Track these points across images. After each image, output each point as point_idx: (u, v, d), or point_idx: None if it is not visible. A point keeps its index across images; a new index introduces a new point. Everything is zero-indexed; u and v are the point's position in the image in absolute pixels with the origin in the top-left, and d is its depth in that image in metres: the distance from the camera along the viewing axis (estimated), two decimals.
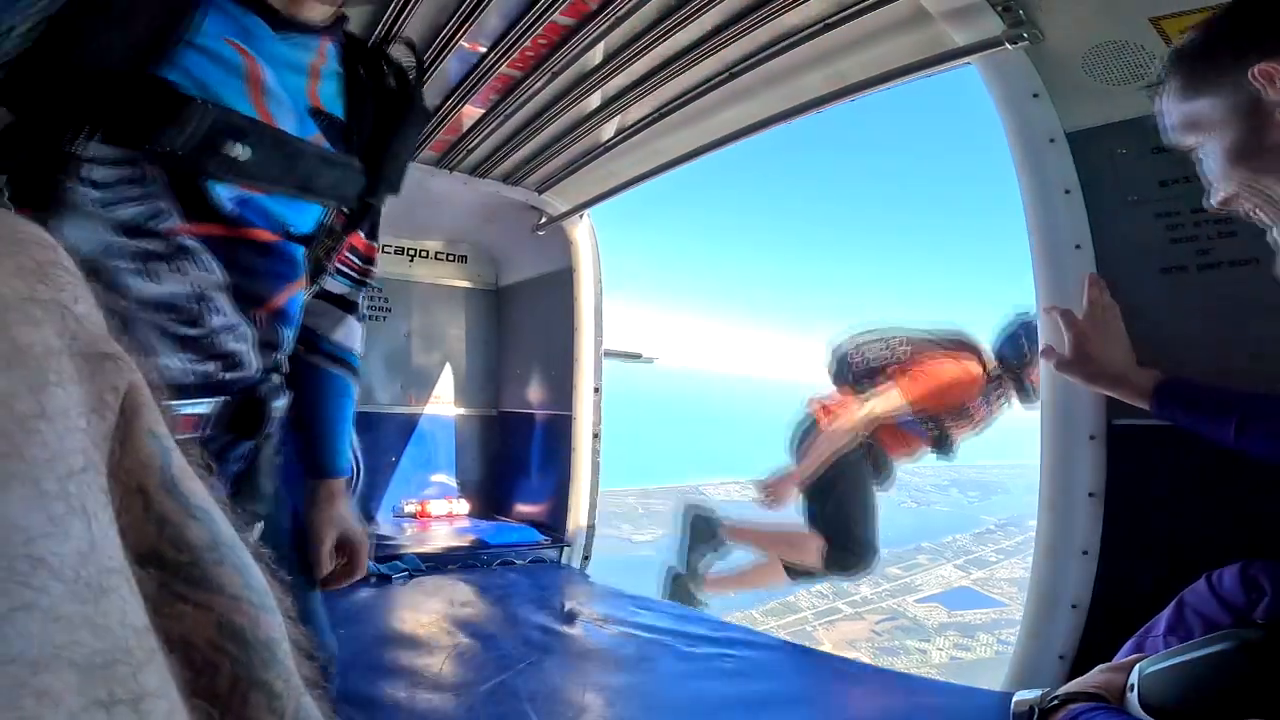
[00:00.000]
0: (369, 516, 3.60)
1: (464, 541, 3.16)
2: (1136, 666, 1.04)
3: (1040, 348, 1.56)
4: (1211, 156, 0.99)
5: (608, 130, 2.54)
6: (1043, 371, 1.61)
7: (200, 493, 0.43)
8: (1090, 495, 1.57)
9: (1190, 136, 1.01)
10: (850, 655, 2.04)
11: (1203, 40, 0.99)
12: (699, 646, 1.96)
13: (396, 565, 2.86)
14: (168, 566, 0.40)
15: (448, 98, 2.22)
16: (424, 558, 2.96)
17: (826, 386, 3.71)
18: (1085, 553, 1.58)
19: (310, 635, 0.48)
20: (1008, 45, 1.42)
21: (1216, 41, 0.96)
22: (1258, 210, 0.96)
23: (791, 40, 1.79)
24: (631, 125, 2.46)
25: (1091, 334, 1.45)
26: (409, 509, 3.66)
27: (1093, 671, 1.16)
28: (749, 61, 1.93)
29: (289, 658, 0.44)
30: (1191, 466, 1.44)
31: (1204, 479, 1.43)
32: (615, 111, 2.36)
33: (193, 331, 0.91)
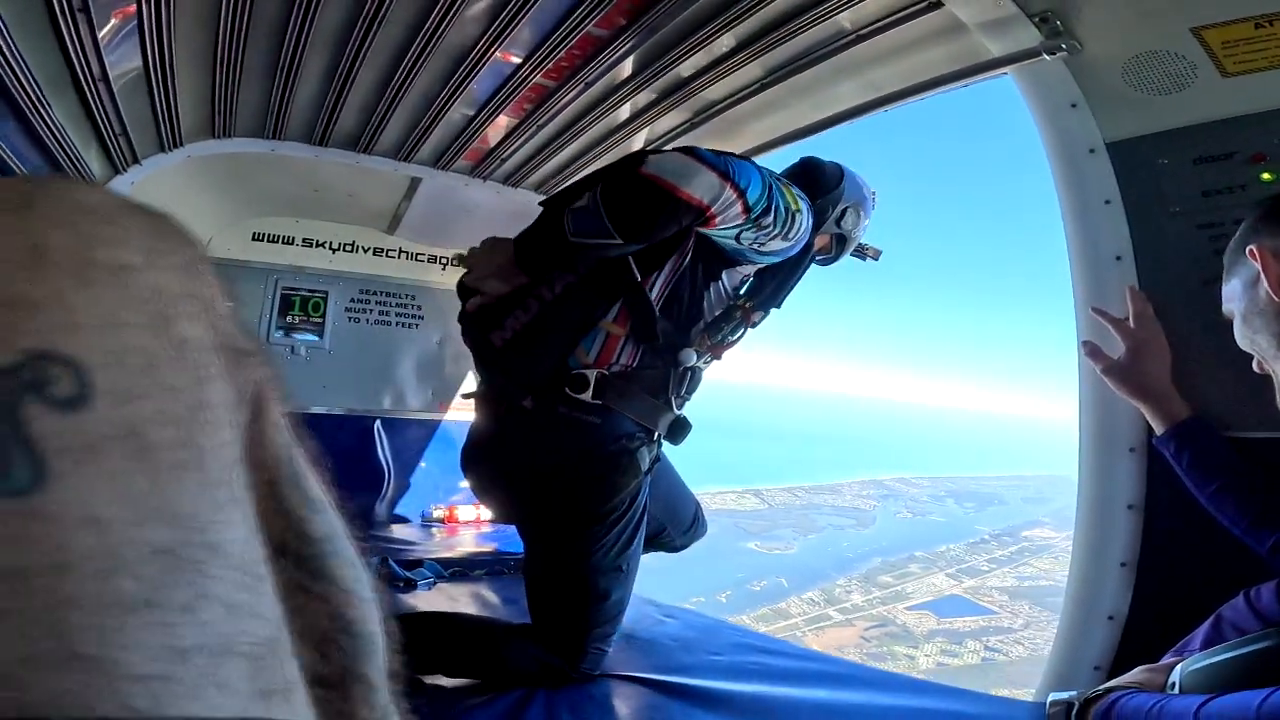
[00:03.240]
0: (398, 520, 3.65)
1: (488, 549, 3.17)
2: (1178, 666, 1.04)
3: (1084, 347, 1.54)
4: (1235, 326, 1.19)
5: (637, 141, 2.57)
6: (1081, 383, 1.60)
7: (317, 486, 0.45)
8: (1129, 508, 1.55)
9: (1228, 307, 1.21)
10: None
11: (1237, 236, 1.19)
12: (725, 654, 1.95)
13: (422, 572, 2.87)
14: (291, 557, 0.41)
15: (483, 108, 2.25)
16: (447, 564, 2.98)
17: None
18: (1124, 565, 1.56)
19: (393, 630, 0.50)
20: (1045, 56, 1.43)
21: (1240, 235, 1.17)
22: (1260, 366, 1.17)
23: (824, 51, 1.81)
24: (660, 136, 2.49)
25: (1143, 347, 1.44)
26: (437, 514, 3.68)
27: (1133, 671, 1.16)
28: (781, 72, 1.95)
29: (383, 653, 0.45)
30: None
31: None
32: (645, 123, 2.38)
33: None
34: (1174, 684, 1.03)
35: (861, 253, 1.96)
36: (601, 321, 1.63)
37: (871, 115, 1.89)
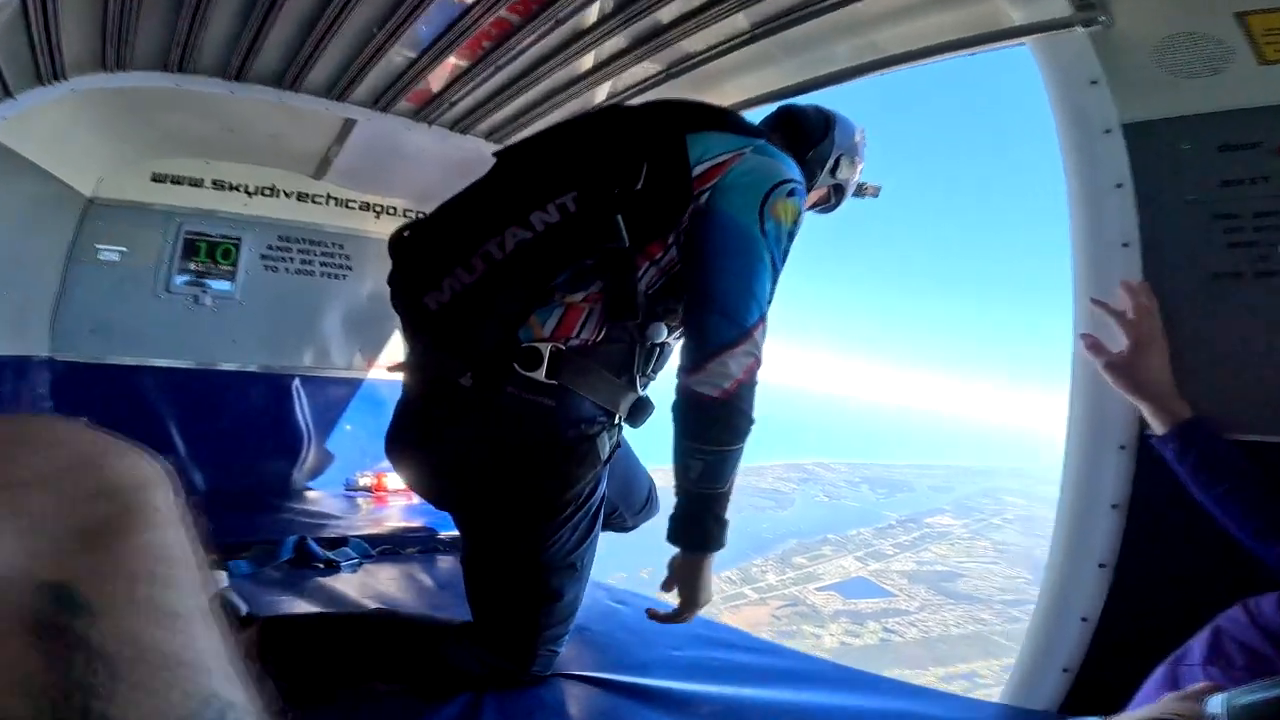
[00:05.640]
0: (319, 489, 3.38)
1: (421, 523, 2.94)
2: (1221, 697, 0.97)
3: (1084, 340, 1.47)
4: None
5: (600, 92, 2.38)
6: (1074, 376, 1.53)
7: None
8: (1113, 507, 1.50)
9: None
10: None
11: None
12: (685, 649, 1.83)
13: (346, 552, 2.62)
14: None
15: (429, 48, 2.04)
16: (375, 541, 2.74)
17: None
18: (1102, 566, 1.52)
19: None
20: (1079, 28, 1.34)
21: None
22: None
23: (822, 6, 1.66)
24: (628, 89, 2.30)
25: (1146, 342, 1.38)
26: (363, 482, 3.44)
27: (1162, 701, 1.09)
28: (770, 25, 1.79)
29: None
30: None
31: None
32: (612, 73, 2.19)
33: None
34: (1215, 716, 0.95)
35: (861, 192, 1.83)
36: (562, 296, 1.38)
37: (866, 78, 1.75)
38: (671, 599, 1.46)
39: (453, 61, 2.18)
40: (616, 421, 1.50)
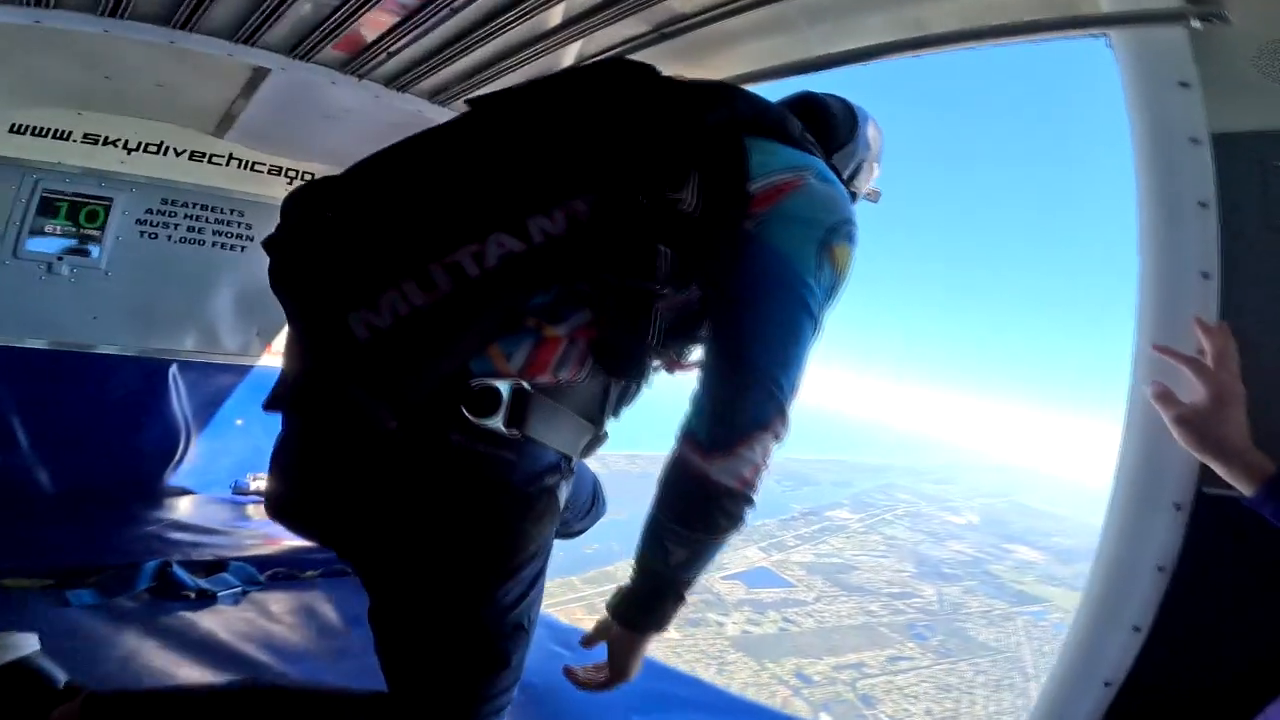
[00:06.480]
0: (199, 494, 2.94)
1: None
2: None
3: (1152, 390, 1.26)
4: None
5: (569, 53, 2.06)
6: (1128, 427, 1.34)
7: None
8: (1159, 569, 1.32)
9: None
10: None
11: None
12: (648, 714, 1.59)
13: (224, 579, 2.21)
14: None
15: None
16: (264, 563, 2.34)
17: None
18: (1136, 629, 1.35)
19: None
20: (1194, 23, 1.14)
21: None
22: None
23: None
24: (603, 50, 1.99)
25: (1227, 394, 1.17)
26: (255, 484, 3.03)
27: None
28: None
29: None
30: None
31: None
32: (584, 31, 1.88)
33: None
34: None
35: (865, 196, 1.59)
36: (539, 323, 1.04)
37: (898, 58, 1.49)
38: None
39: (393, 3, 1.82)
40: (572, 465, 1.18)
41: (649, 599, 1.16)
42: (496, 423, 1.01)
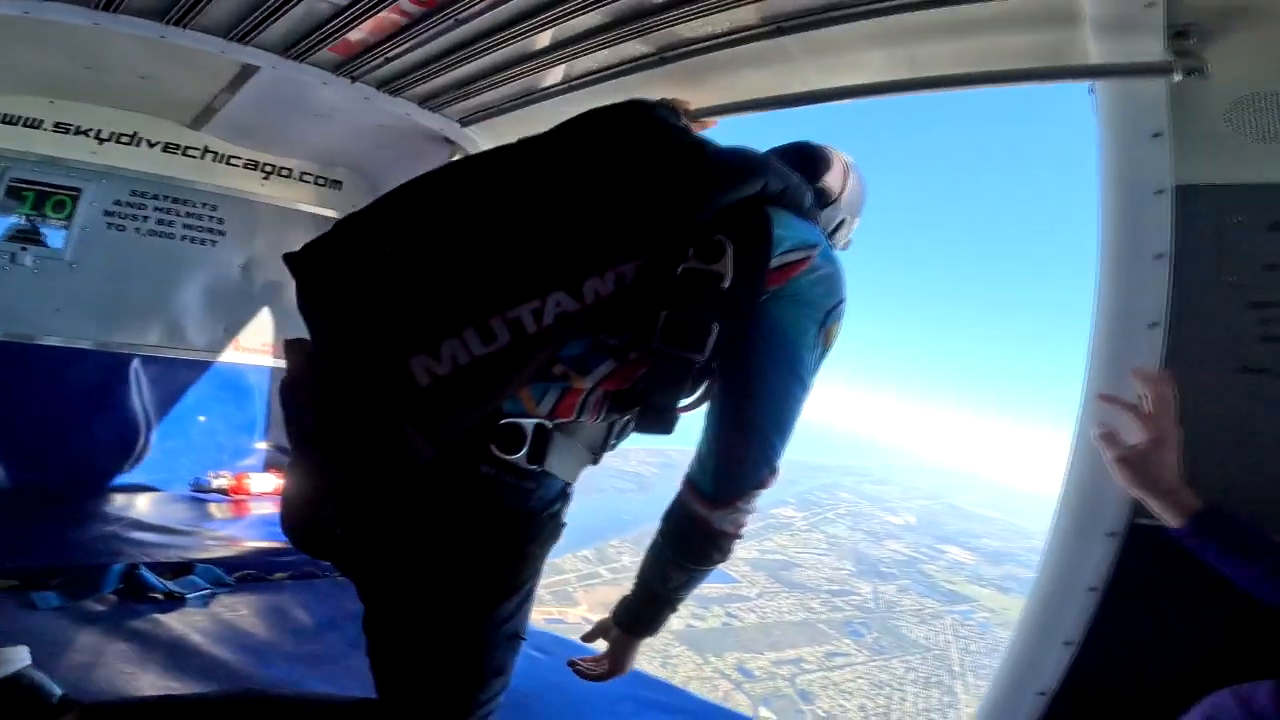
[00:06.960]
0: (160, 492, 2.87)
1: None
2: None
3: (1096, 431, 1.35)
4: None
5: (558, 70, 2.10)
6: (1072, 461, 1.43)
7: None
8: (1090, 590, 1.42)
9: None
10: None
11: None
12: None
13: (192, 580, 2.17)
14: None
15: None
16: (232, 565, 2.30)
17: None
18: (1067, 643, 1.44)
19: None
20: (1176, 75, 1.19)
21: None
22: None
23: (858, 10, 1.48)
24: (602, 70, 2.02)
25: (1165, 438, 1.25)
26: (217, 483, 2.95)
27: None
28: (786, 24, 1.59)
29: None
30: (1207, 574, 1.31)
31: (1214, 587, 1.25)
32: (581, 52, 1.93)
33: None
34: None
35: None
36: (567, 372, 1.11)
37: (893, 96, 1.57)
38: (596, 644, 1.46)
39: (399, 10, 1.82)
40: (570, 490, 1.26)
41: (646, 611, 1.33)
42: (520, 457, 1.09)
